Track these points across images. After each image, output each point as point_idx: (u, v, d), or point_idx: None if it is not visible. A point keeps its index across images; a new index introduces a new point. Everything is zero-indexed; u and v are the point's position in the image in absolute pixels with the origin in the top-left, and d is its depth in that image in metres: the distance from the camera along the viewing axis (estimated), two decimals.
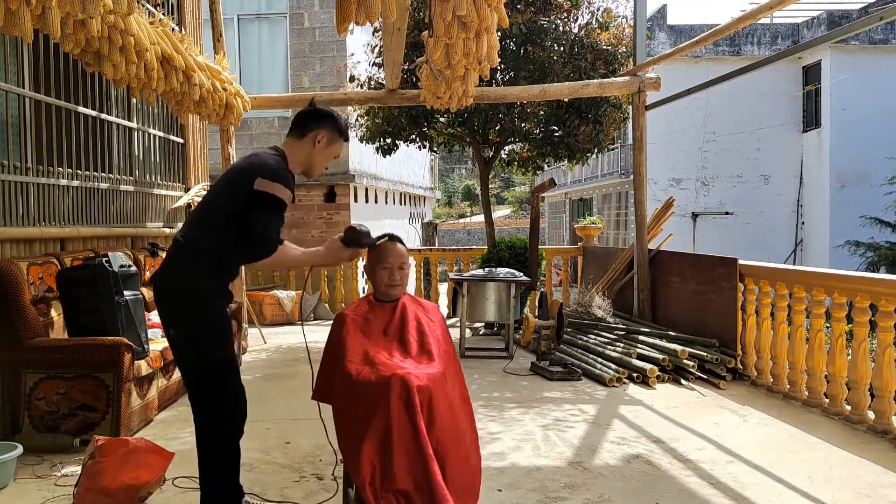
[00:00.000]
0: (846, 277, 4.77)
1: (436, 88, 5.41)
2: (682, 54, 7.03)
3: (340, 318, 3.02)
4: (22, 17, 3.06)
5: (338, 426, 2.83)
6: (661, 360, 5.75)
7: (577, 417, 4.72)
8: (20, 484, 3.57)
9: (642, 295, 7.32)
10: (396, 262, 3.05)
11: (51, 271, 4.47)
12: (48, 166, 4.93)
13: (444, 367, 2.91)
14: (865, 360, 4.44)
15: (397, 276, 3.05)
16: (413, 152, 14.71)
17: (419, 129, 8.72)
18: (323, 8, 11.73)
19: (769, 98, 18.67)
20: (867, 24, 4.70)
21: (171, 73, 4.86)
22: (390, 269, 3.05)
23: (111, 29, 3.81)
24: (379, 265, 3.07)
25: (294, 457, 3.95)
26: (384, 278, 3.06)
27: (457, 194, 48.25)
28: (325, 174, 12.01)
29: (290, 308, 9.33)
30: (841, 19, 17.63)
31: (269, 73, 11.98)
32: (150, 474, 3.31)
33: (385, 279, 3.06)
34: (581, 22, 8.24)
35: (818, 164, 18.54)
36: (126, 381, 4.13)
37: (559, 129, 8.36)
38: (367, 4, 3.53)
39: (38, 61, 4.85)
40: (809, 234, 18.99)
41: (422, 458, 2.62)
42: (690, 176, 19.46)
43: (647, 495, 3.41)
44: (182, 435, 4.35)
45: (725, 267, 5.94)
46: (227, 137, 7.13)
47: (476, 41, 4.28)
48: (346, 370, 2.82)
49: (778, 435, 4.34)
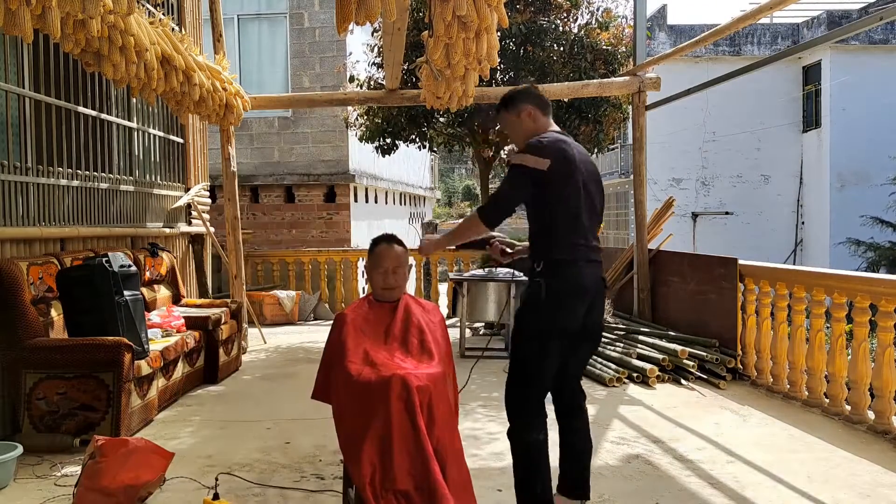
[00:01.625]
0: (846, 277, 4.77)
1: (436, 88, 5.41)
2: (682, 54, 7.03)
3: (340, 319, 3.02)
4: (22, 17, 3.06)
5: (338, 426, 2.84)
6: (661, 360, 5.75)
7: None
8: (20, 484, 3.57)
9: (642, 295, 7.32)
10: (391, 265, 3.05)
11: (51, 271, 4.47)
12: (48, 166, 4.93)
13: (444, 367, 2.91)
14: (865, 360, 4.44)
15: (392, 280, 3.05)
16: (413, 152, 14.70)
17: (419, 129, 8.72)
18: (323, 8, 11.74)
19: (769, 98, 18.67)
20: (867, 24, 4.70)
21: (171, 73, 4.86)
22: (385, 273, 3.05)
23: (111, 29, 3.81)
24: (374, 269, 3.08)
25: (294, 457, 3.95)
26: (380, 281, 3.08)
27: (457, 194, 48.23)
28: (325, 174, 12.03)
29: (290, 308, 9.33)
30: (841, 19, 17.64)
31: (269, 73, 11.98)
32: (150, 474, 3.31)
33: (381, 282, 3.07)
34: (581, 22, 8.25)
35: (818, 164, 18.54)
36: (126, 381, 4.13)
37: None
38: (367, 4, 3.53)
39: (38, 61, 4.84)
40: (809, 234, 18.99)
41: (422, 457, 2.63)
42: (690, 176, 19.47)
43: (647, 495, 3.41)
44: (182, 435, 4.35)
45: (725, 267, 5.94)
46: (227, 137, 7.13)
47: (476, 41, 4.27)
48: (346, 370, 2.82)
49: (778, 435, 4.34)
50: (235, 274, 7.24)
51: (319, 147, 12.08)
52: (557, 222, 2.87)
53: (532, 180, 2.84)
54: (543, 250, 2.91)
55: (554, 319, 2.84)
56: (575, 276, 2.86)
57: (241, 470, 3.73)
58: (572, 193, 2.86)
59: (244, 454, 3.99)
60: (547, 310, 2.85)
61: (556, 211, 2.87)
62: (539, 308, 2.86)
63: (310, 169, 12.08)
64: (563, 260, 2.86)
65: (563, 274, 2.85)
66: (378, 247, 3.09)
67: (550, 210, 2.88)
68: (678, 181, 19.34)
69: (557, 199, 2.85)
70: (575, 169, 2.87)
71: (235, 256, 7.24)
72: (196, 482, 3.55)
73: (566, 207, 2.86)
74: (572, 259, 2.86)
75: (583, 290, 2.87)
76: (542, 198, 2.87)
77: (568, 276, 2.85)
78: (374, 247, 3.11)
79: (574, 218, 2.86)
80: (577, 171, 2.88)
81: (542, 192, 2.85)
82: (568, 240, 2.87)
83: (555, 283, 2.83)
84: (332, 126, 11.92)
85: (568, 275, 2.85)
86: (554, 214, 2.87)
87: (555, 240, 2.88)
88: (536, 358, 2.89)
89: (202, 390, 5.54)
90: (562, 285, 2.84)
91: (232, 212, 7.22)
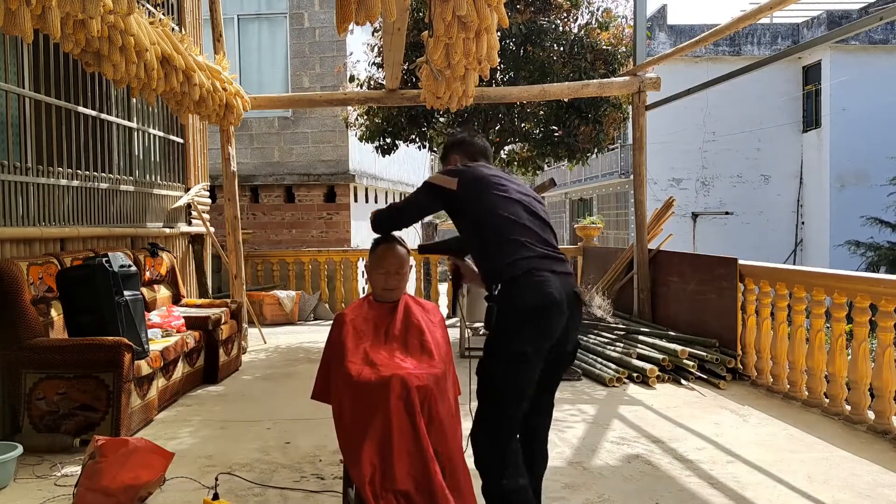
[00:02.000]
0: (846, 277, 4.77)
1: (436, 88, 5.41)
2: (682, 54, 7.03)
3: (340, 319, 3.01)
4: (22, 17, 3.06)
5: (338, 426, 2.83)
6: (661, 360, 5.75)
7: (577, 417, 4.72)
8: (20, 484, 3.57)
9: (642, 295, 7.32)
10: (393, 267, 3.00)
11: (51, 271, 4.47)
12: (48, 166, 4.93)
13: (445, 367, 2.91)
14: (865, 360, 4.44)
15: (393, 281, 3.01)
16: (413, 152, 14.71)
17: (419, 129, 8.72)
18: (323, 8, 11.74)
19: (769, 98, 18.67)
20: (867, 24, 4.70)
21: (171, 73, 4.86)
22: (386, 274, 3.00)
23: (111, 29, 3.81)
24: (375, 269, 3.03)
25: (294, 457, 3.95)
26: (380, 282, 3.03)
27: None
28: (325, 174, 12.03)
29: (290, 308, 9.33)
30: (841, 19, 17.64)
31: (269, 73, 11.98)
32: (150, 474, 3.31)
33: (381, 283, 3.03)
34: (581, 22, 8.24)
35: (818, 164, 18.54)
36: (126, 381, 4.13)
37: (559, 129, 8.37)
38: (367, 4, 3.52)
39: (38, 61, 4.84)
40: (809, 234, 18.99)
41: (422, 458, 2.62)
42: (690, 176, 19.47)
43: (646, 495, 3.41)
44: (182, 435, 4.35)
45: (725, 267, 5.94)
46: (227, 137, 7.13)
47: (476, 41, 4.27)
48: (346, 370, 2.82)
49: (778, 435, 4.34)
50: (235, 274, 7.24)
51: (319, 147, 12.08)
52: (488, 243, 2.73)
53: (442, 200, 2.84)
54: (491, 274, 2.72)
55: (518, 341, 2.58)
56: (532, 289, 2.59)
57: (241, 470, 3.73)
58: (493, 210, 2.73)
59: (244, 454, 3.99)
60: (508, 332, 2.61)
61: (482, 232, 2.75)
62: (499, 332, 2.63)
63: (310, 169, 12.08)
64: (513, 277, 2.61)
65: (517, 291, 2.60)
66: (379, 247, 3.03)
67: (476, 231, 2.78)
68: (678, 181, 19.34)
69: (478, 219, 2.76)
70: (488, 185, 2.78)
71: (235, 256, 7.25)
72: (196, 482, 3.55)
73: (491, 227, 2.72)
74: (523, 273, 2.61)
75: (544, 303, 2.59)
76: (464, 218, 2.82)
77: (522, 293, 2.60)
78: (375, 247, 3.05)
79: (506, 234, 2.69)
80: (493, 185, 2.78)
81: (460, 211, 2.81)
82: (508, 257, 2.65)
83: (509, 302, 2.60)
84: (332, 126, 11.92)
85: (522, 292, 2.60)
86: (483, 236, 2.75)
87: (494, 260, 2.69)
88: (505, 384, 2.62)
89: (202, 390, 5.55)
90: (518, 302, 2.59)
91: (232, 212, 7.22)
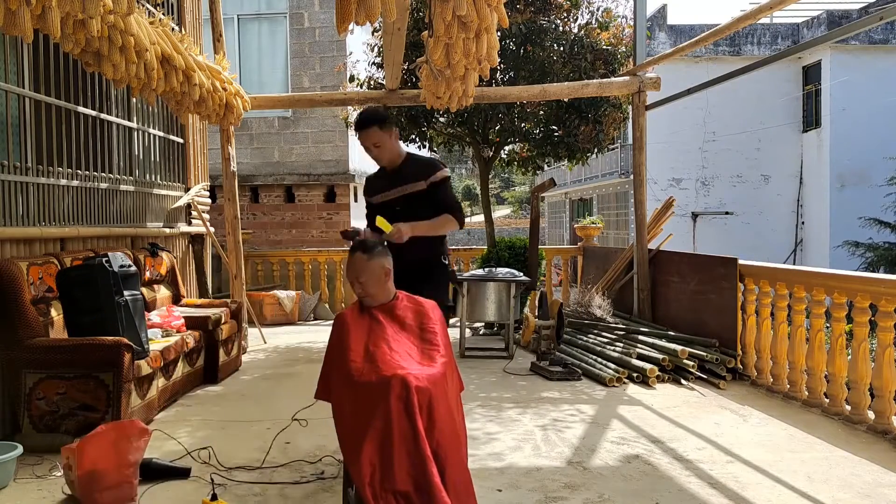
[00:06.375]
0: (846, 277, 4.77)
1: (436, 88, 5.41)
2: (682, 54, 7.03)
3: (341, 319, 3.03)
4: (22, 17, 3.06)
5: (338, 426, 2.83)
6: (661, 359, 5.75)
7: (577, 417, 4.72)
8: (20, 484, 3.57)
9: (642, 295, 7.32)
10: (352, 275, 3.08)
11: (51, 271, 4.47)
12: (48, 166, 4.93)
13: (445, 367, 2.91)
14: (865, 359, 4.44)
15: (358, 289, 3.09)
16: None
17: (419, 128, 8.71)
18: (323, 8, 11.74)
19: (769, 98, 18.68)
20: (867, 24, 4.70)
21: (171, 73, 4.86)
22: (352, 283, 3.11)
23: (111, 29, 3.81)
24: (347, 279, 3.14)
25: (294, 457, 3.95)
26: (354, 290, 3.13)
27: (457, 194, 48.35)
28: (325, 174, 12.03)
29: (290, 308, 9.33)
30: (841, 19, 17.64)
31: (269, 73, 11.99)
32: (136, 452, 3.33)
33: (355, 291, 3.13)
34: (581, 22, 8.24)
35: (818, 164, 18.54)
36: (126, 381, 4.13)
37: (559, 129, 8.36)
38: (367, 4, 3.52)
39: (38, 61, 4.84)
40: (809, 234, 19.00)
41: (420, 459, 2.62)
42: (690, 176, 19.47)
43: (646, 495, 3.41)
44: (181, 435, 4.35)
45: (725, 267, 5.94)
46: (227, 137, 7.13)
47: (476, 41, 4.27)
48: (346, 370, 2.82)
49: (778, 435, 4.34)
50: (235, 274, 7.24)
51: (319, 147, 12.08)
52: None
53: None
54: (441, 243, 3.91)
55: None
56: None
57: (240, 470, 3.73)
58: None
59: (244, 454, 3.99)
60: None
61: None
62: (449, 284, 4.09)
63: (310, 169, 12.09)
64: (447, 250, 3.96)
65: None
66: (349, 257, 3.12)
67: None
68: (678, 181, 19.35)
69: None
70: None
71: (235, 256, 7.25)
72: (196, 482, 3.55)
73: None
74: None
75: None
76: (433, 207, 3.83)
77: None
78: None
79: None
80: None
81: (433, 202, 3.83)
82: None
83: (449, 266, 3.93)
84: (332, 126, 11.92)
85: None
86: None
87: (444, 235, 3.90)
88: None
89: (202, 390, 5.55)
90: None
91: (232, 212, 7.22)
